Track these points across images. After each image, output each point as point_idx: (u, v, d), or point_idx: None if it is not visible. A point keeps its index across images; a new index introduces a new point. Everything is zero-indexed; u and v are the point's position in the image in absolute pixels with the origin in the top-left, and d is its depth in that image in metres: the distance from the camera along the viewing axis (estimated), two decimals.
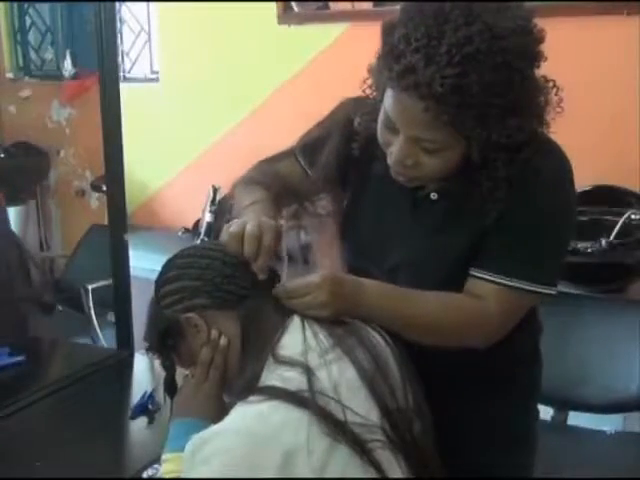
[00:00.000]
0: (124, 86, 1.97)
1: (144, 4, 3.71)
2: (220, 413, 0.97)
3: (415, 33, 0.97)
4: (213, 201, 3.14)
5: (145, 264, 2.16)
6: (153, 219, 3.74)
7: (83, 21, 3.61)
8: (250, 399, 0.90)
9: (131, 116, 2.13)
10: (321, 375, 0.93)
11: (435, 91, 0.95)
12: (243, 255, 1.03)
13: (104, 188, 2.19)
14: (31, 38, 3.98)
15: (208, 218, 3.15)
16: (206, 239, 3.08)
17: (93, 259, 2.88)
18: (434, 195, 1.16)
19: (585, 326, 2.15)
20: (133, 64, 3.82)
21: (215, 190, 3.13)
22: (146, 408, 1.62)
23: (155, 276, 1.08)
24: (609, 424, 2.14)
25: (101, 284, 2.57)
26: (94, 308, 2.74)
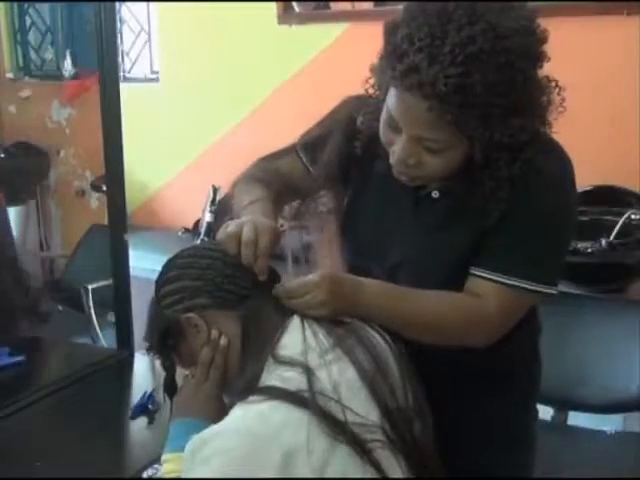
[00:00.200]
0: (124, 86, 1.96)
1: (144, 4, 3.71)
2: (220, 413, 0.97)
3: (418, 33, 0.97)
4: (213, 201, 3.14)
5: (145, 264, 2.16)
6: (153, 219, 3.74)
7: (83, 21, 3.61)
8: (250, 399, 0.91)
9: (131, 116, 2.13)
10: (321, 375, 0.93)
11: (439, 91, 0.95)
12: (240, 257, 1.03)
13: (104, 188, 2.19)
14: (31, 38, 3.98)
15: (208, 218, 3.14)
16: (206, 239, 3.07)
17: (93, 259, 2.88)
18: (435, 193, 1.16)
19: (585, 326, 2.15)
20: (133, 64, 3.82)
21: (215, 190, 3.13)
22: (146, 408, 1.62)
23: (155, 276, 1.08)
24: (609, 424, 2.14)
25: (101, 284, 2.57)
26: (94, 308, 2.74)
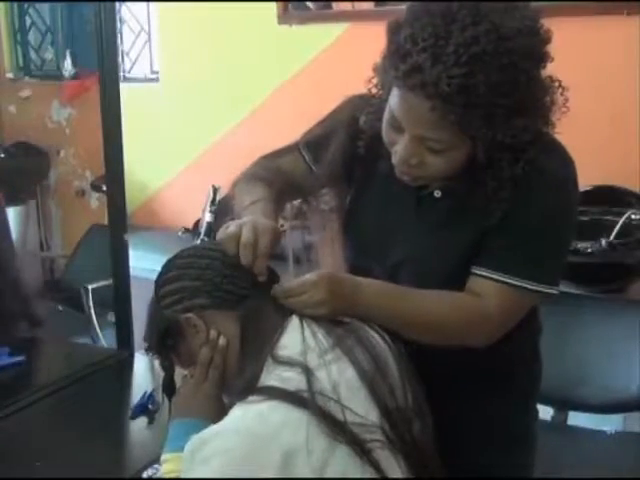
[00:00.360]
0: (124, 86, 1.96)
1: (144, 4, 3.71)
2: (219, 413, 0.97)
3: (422, 33, 0.97)
4: (213, 201, 3.14)
5: (145, 264, 2.16)
6: (153, 219, 3.73)
7: (83, 21, 3.61)
8: (249, 399, 0.90)
9: (131, 116, 2.13)
10: (320, 375, 0.92)
11: (442, 91, 0.95)
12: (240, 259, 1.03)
13: (104, 188, 2.19)
14: (31, 38, 3.98)
15: (208, 218, 3.15)
16: (206, 239, 3.07)
17: (93, 259, 2.88)
18: (437, 193, 1.16)
19: (585, 326, 2.15)
20: (133, 64, 3.82)
21: (215, 190, 3.13)
22: (146, 408, 1.62)
23: (155, 276, 1.08)
24: (609, 424, 2.14)
25: (101, 284, 2.57)
26: (94, 308, 2.74)
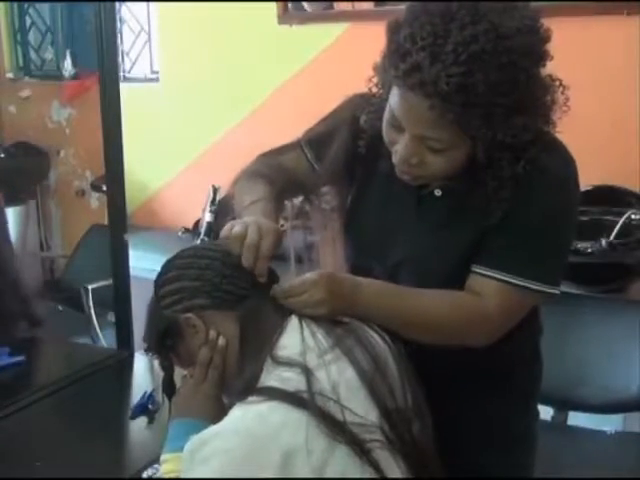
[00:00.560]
0: (124, 86, 1.96)
1: (144, 4, 3.71)
2: (219, 413, 0.97)
3: (421, 32, 0.97)
4: (213, 201, 3.14)
5: (145, 264, 2.16)
6: (153, 219, 3.73)
7: (83, 21, 3.60)
8: (249, 400, 0.91)
9: (131, 116, 2.13)
10: (320, 375, 0.92)
11: (440, 90, 0.95)
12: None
13: (104, 188, 2.19)
14: (31, 38, 3.98)
15: (208, 218, 3.15)
16: (206, 239, 3.07)
17: (93, 259, 2.88)
18: (438, 192, 1.16)
19: (585, 326, 2.15)
20: (133, 64, 3.82)
21: (215, 190, 3.13)
22: (146, 408, 1.62)
23: (155, 276, 1.08)
24: (609, 424, 2.14)
25: (101, 284, 2.57)
26: (94, 308, 2.74)
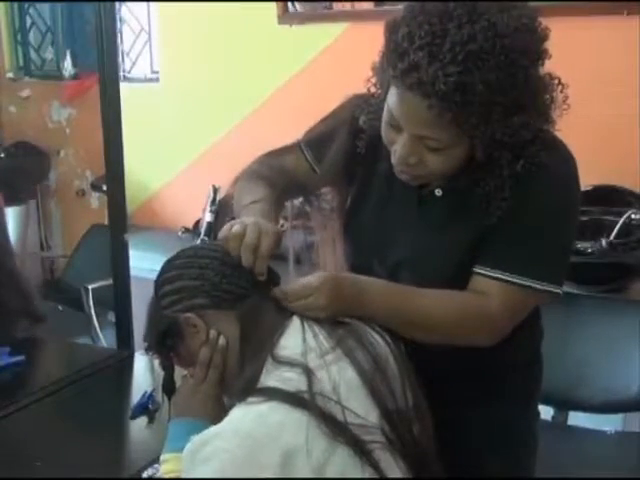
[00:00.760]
0: (124, 86, 1.96)
1: (144, 4, 3.70)
2: (219, 413, 0.97)
3: (419, 31, 0.97)
4: (213, 201, 3.14)
5: (145, 264, 2.15)
6: (153, 219, 3.73)
7: (83, 21, 3.60)
8: (249, 400, 0.90)
9: (131, 116, 2.13)
10: (321, 376, 0.92)
11: (439, 89, 0.95)
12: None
13: (104, 188, 2.19)
14: (31, 38, 3.97)
15: (208, 218, 3.15)
16: (206, 239, 3.07)
17: (93, 259, 2.87)
18: (438, 191, 1.16)
19: (585, 326, 2.14)
20: (133, 64, 3.82)
21: (215, 190, 3.13)
22: (146, 408, 1.62)
23: (155, 276, 1.08)
24: (609, 424, 2.14)
25: (101, 284, 2.56)
26: (94, 308, 2.74)
